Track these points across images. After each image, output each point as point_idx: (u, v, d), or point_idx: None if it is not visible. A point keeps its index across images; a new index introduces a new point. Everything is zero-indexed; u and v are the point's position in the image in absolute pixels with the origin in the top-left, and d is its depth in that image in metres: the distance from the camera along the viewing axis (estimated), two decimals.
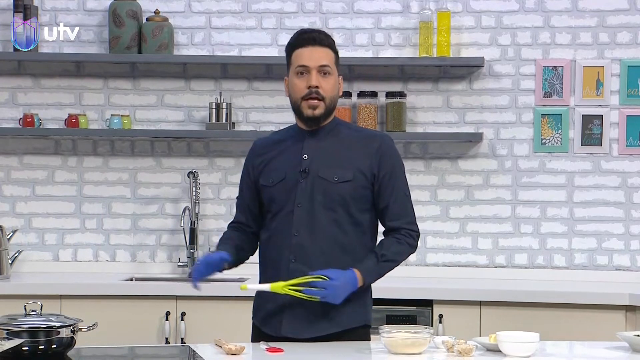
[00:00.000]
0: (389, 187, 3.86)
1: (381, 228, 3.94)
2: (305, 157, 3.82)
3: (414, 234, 3.91)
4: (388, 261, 3.83)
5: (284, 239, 3.80)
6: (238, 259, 3.91)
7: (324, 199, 3.79)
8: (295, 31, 3.96)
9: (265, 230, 3.89)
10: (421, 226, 5.81)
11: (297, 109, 3.82)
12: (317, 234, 3.77)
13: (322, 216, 3.79)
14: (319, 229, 3.78)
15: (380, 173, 3.84)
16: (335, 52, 3.84)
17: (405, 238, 3.88)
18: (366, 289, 3.86)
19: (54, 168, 6.01)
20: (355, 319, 3.83)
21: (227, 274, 5.81)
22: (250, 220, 3.94)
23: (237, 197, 4.01)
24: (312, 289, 3.65)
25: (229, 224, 4.03)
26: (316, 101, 3.77)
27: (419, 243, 5.86)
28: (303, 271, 3.74)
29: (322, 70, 3.77)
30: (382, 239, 3.89)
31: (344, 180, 3.80)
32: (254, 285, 3.73)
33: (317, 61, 3.76)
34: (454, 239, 5.91)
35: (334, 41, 3.86)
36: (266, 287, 3.69)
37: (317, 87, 3.76)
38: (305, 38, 3.81)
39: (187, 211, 5.88)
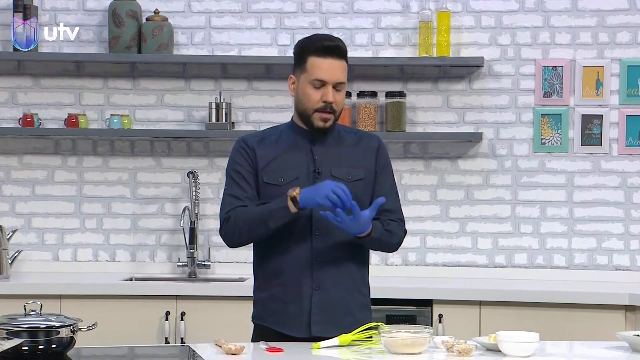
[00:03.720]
0: (384, 183, 3.92)
1: None
2: (316, 157, 3.83)
3: (405, 231, 3.96)
4: (388, 231, 3.84)
5: (303, 238, 3.79)
6: None
7: None
8: (295, 31, 3.97)
9: None
10: (421, 226, 5.90)
11: (306, 117, 3.81)
12: (336, 233, 3.77)
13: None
14: (338, 228, 3.78)
15: (378, 169, 3.91)
16: (348, 63, 3.84)
17: (401, 228, 3.92)
18: (368, 289, 3.94)
19: (54, 168, 6.01)
20: (367, 317, 3.87)
21: (227, 273, 5.84)
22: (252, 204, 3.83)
23: (229, 187, 3.85)
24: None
25: (235, 208, 3.80)
26: (329, 114, 3.79)
27: (419, 243, 5.93)
28: (326, 270, 3.79)
29: (337, 87, 3.79)
30: (384, 219, 3.88)
31: (356, 178, 3.85)
32: (325, 342, 3.63)
33: (336, 77, 3.77)
34: (454, 238, 5.91)
35: (347, 50, 3.85)
36: (335, 341, 3.64)
37: (332, 102, 3.77)
38: (326, 47, 3.76)
39: (186, 211, 5.88)
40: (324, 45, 3.77)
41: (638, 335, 3.64)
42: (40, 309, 3.49)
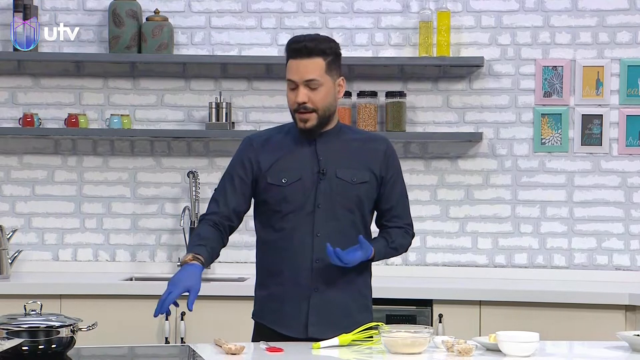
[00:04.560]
0: (394, 189, 3.93)
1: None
2: (321, 158, 3.83)
3: (412, 235, 4.02)
4: (393, 249, 3.93)
5: (304, 240, 3.80)
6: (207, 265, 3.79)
7: (343, 200, 3.82)
8: (295, 31, 3.98)
9: (272, 231, 3.86)
10: (421, 226, 5.90)
11: (293, 118, 3.83)
12: (338, 235, 3.77)
13: (342, 217, 3.83)
14: (340, 230, 3.80)
15: (387, 175, 3.91)
16: (329, 57, 3.77)
17: (408, 235, 3.99)
18: (369, 290, 3.96)
19: (54, 168, 6.01)
20: (366, 318, 3.88)
21: (227, 273, 5.83)
22: (232, 214, 3.86)
23: (217, 188, 3.91)
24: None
25: (205, 216, 3.88)
26: (306, 114, 3.77)
27: (419, 243, 5.93)
28: (326, 272, 3.79)
29: (310, 85, 3.75)
30: (389, 230, 3.94)
31: (361, 181, 3.85)
32: (325, 342, 3.62)
33: (303, 76, 3.74)
34: (454, 238, 5.91)
35: (328, 45, 3.79)
36: (335, 341, 3.63)
37: (304, 102, 3.76)
38: (293, 49, 3.77)
39: (186, 211, 5.88)
40: (291, 48, 3.79)
41: (638, 335, 3.64)
42: (40, 309, 3.49)
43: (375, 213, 3.97)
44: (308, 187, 3.81)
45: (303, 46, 3.76)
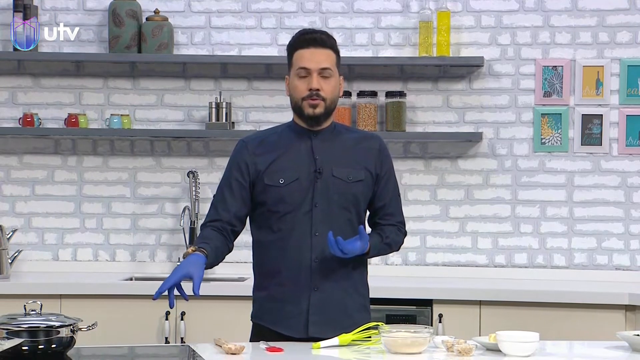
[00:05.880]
0: (387, 186, 3.94)
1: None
2: (317, 157, 3.83)
3: (405, 233, 4.03)
4: (387, 245, 3.94)
5: (302, 239, 3.81)
6: (212, 263, 3.80)
7: (340, 199, 3.83)
8: (295, 31, 3.99)
9: (269, 232, 3.86)
10: (421, 226, 5.90)
11: (298, 109, 3.83)
12: (335, 233, 3.75)
13: (339, 216, 3.83)
14: (337, 229, 3.79)
15: (382, 172, 3.92)
16: (337, 53, 3.85)
17: (401, 232, 4.00)
18: (367, 290, 3.97)
19: (54, 168, 6.01)
20: (365, 317, 3.88)
21: (227, 273, 5.84)
22: (234, 219, 3.87)
23: (215, 195, 3.93)
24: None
25: (206, 223, 3.91)
26: (317, 101, 3.79)
27: (419, 243, 5.93)
28: (325, 271, 3.80)
29: (323, 73, 3.79)
30: (383, 227, 3.95)
31: (357, 179, 3.86)
32: (325, 342, 3.62)
33: (318, 64, 3.78)
34: (454, 238, 5.91)
35: (335, 41, 3.87)
36: (335, 341, 3.63)
37: (317, 89, 3.77)
38: (306, 39, 3.81)
39: (186, 211, 5.88)
40: (305, 38, 3.82)
41: (638, 335, 3.65)
42: (40, 309, 3.49)
43: (368, 212, 3.97)
44: (305, 187, 3.81)
45: (318, 37, 3.82)
